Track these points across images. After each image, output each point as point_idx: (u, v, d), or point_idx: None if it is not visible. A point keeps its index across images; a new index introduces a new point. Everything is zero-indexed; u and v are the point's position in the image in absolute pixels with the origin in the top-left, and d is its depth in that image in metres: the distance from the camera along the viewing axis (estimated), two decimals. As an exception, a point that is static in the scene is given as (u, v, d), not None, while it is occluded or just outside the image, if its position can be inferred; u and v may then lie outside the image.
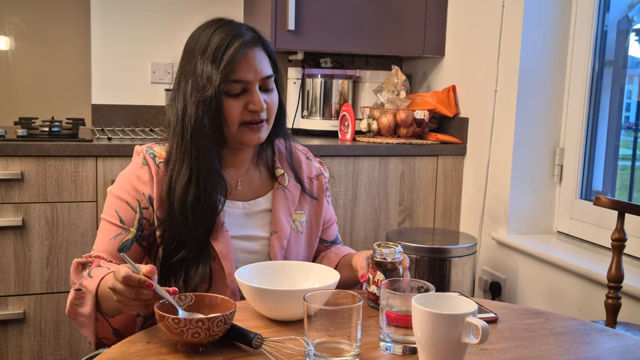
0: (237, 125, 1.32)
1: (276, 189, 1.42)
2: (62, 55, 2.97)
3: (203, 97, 1.28)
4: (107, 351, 1.03)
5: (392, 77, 2.82)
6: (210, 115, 1.28)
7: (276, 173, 1.44)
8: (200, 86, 1.29)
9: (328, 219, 1.53)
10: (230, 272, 1.33)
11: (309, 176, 1.49)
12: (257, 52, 1.33)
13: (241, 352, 1.03)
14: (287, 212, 1.42)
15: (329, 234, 1.53)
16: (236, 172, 1.41)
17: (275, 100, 1.37)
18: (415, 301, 0.96)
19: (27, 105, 2.90)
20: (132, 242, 1.32)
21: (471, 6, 2.70)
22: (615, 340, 1.15)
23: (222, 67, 1.28)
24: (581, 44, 2.38)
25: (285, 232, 1.40)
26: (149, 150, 1.37)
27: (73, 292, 1.24)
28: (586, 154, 2.39)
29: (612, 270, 1.81)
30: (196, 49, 1.32)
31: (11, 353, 2.28)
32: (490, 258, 2.61)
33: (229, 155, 1.39)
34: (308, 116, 2.94)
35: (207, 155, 1.30)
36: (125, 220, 1.33)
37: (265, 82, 1.34)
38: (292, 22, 2.63)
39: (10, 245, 2.23)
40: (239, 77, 1.30)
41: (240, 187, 1.41)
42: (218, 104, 1.29)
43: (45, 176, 2.24)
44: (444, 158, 2.73)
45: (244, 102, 1.32)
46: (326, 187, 1.52)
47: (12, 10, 2.88)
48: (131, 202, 1.33)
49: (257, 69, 1.32)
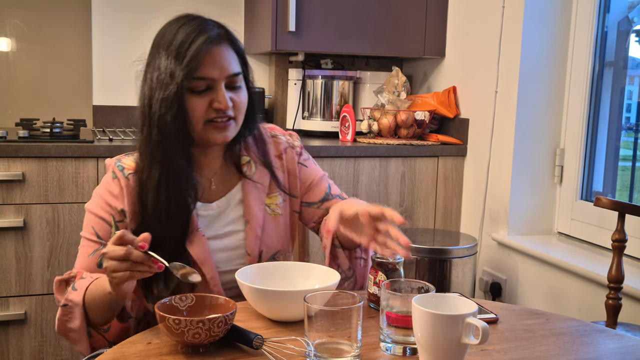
0: (202, 123, 1.28)
1: (244, 178, 1.39)
2: (63, 57, 2.97)
3: (165, 94, 1.24)
4: (108, 351, 1.03)
5: (392, 78, 2.82)
6: (173, 113, 1.25)
7: (242, 162, 1.40)
8: (163, 83, 1.25)
9: (310, 181, 1.48)
10: (212, 276, 1.31)
11: (276, 154, 1.44)
12: (223, 49, 1.29)
13: (242, 352, 1.03)
14: (258, 199, 1.38)
15: (314, 195, 1.47)
16: (209, 172, 1.38)
17: (244, 99, 1.33)
18: (415, 302, 0.97)
19: (28, 107, 2.90)
20: None
21: (471, 7, 2.70)
22: (616, 341, 1.15)
23: (185, 64, 1.24)
24: (581, 44, 2.38)
25: (259, 221, 1.37)
26: (118, 163, 1.34)
27: (60, 309, 1.23)
28: (586, 154, 2.39)
29: (612, 271, 1.81)
30: (161, 44, 1.28)
31: (12, 354, 2.28)
32: (490, 259, 2.61)
33: (199, 155, 1.36)
34: (309, 117, 2.94)
35: (174, 155, 1.27)
36: (102, 235, 1.31)
37: (232, 79, 1.30)
38: (293, 24, 2.64)
39: (11, 246, 2.24)
40: (202, 74, 1.26)
41: (215, 187, 1.38)
42: (180, 102, 1.25)
43: (47, 177, 2.24)
44: (444, 159, 2.73)
45: (208, 99, 1.28)
46: (299, 153, 1.47)
47: (13, 11, 2.89)
48: (106, 217, 1.32)
49: (223, 66, 1.28)
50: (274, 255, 1.40)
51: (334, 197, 1.48)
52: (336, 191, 1.50)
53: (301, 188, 1.47)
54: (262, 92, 2.92)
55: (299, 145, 1.49)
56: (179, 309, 1.09)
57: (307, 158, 1.50)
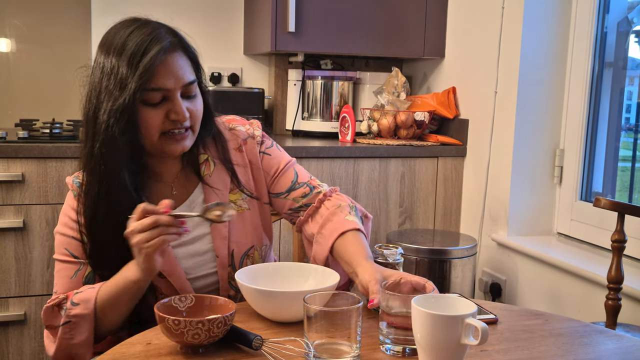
0: (157, 135, 1.22)
1: (202, 180, 1.34)
2: (62, 57, 2.97)
3: (115, 105, 1.17)
4: (108, 352, 1.03)
5: (392, 78, 2.82)
6: (122, 126, 1.17)
7: (199, 160, 1.34)
8: (112, 93, 1.18)
9: (275, 169, 1.41)
10: (182, 287, 1.28)
11: (235, 147, 1.38)
12: (177, 57, 1.23)
13: (241, 353, 1.03)
14: (220, 198, 1.33)
15: (280, 184, 1.41)
16: (168, 178, 1.33)
17: (200, 107, 1.27)
18: (415, 302, 0.97)
19: (27, 107, 2.90)
20: (94, 275, 1.26)
21: (471, 8, 2.70)
22: (615, 342, 1.15)
23: (139, 75, 1.16)
24: (581, 45, 2.38)
25: None
26: (75, 180, 1.30)
27: (61, 329, 1.19)
28: (586, 155, 2.39)
29: (612, 272, 1.81)
30: (110, 50, 1.21)
31: (12, 354, 2.28)
32: (490, 259, 2.61)
33: (156, 163, 1.31)
34: (308, 118, 2.94)
35: (117, 171, 1.20)
36: (78, 254, 1.27)
37: (187, 88, 1.24)
38: (293, 24, 2.64)
39: (11, 246, 2.24)
40: (158, 85, 1.19)
41: (176, 192, 1.33)
42: (132, 115, 1.18)
43: (46, 178, 2.24)
44: (444, 159, 2.73)
45: (164, 111, 1.21)
46: (260, 142, 1.41)
47: (13, 12, 2.89)
48: (75, 235, 1.27)
49: (178, 75, 1.22)
50: (247, 252, 1.36)
51: (300, 186, 1.41)
52: (304, 178, 1.42)
53: (266, 178, 1.41)
54: (261, 93, 2.92)
55: (260, 134, 1.42)
56: (179, 309, 1.09)
57: (270, 146, 1.43)
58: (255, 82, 3.13)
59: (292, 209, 1.41)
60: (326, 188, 1.42)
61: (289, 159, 1.44)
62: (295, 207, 1.41)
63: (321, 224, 1.34)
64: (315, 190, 1.41)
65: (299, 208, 1.41)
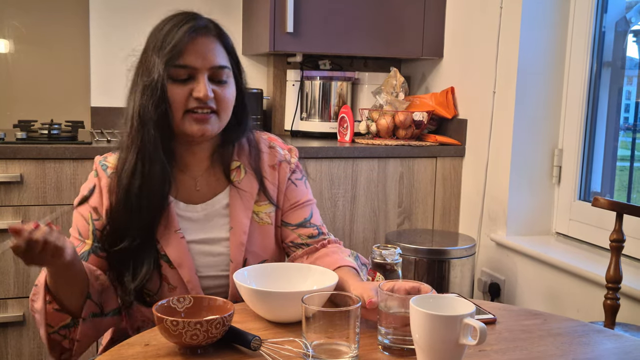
0: (181, 112, 1.26)
1: (232, 184, 1.36)
2: (61, 58, 2.97)
3: (148, 81, 1.25)
4: (106, 353, 1.03)
5: (390, 78, 2.82)
6: (155, 100, 1.24)
7: (231, 167, 1.37)
8: (147, 69, 1.26)
9: (295, 201, 1.42)
10: (190, 279, 1.29)
11: (270, 164, 1.40)
12: (209, 40, 1.28)
13: (240, 354, 1.03)
14: (244, 205, 1.35)
15: (294, 217, 1.41)
16: (194, 172, 1.36)
17: (229, 95, 1.30)
18: (413, 302, 0.97)
19: (26, 108, 2.90)
20: (88, 254, 1.29)
21: (469, 8, 2.70)
22: (614, 341, 1.15)
23: (167, 51, 1.24)
24: (579, 45, 2.38)
25: (244, 227, 1.34)
26: (102, 161, 1.35)
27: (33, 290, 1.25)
28: (585, 155, 2.39)
29: (610, 271, 1.81)
30: (149, 41, 1.30)
31: (11, 356, 2.28)
32: (489, 259, 2.61)
33: (185, 152, 1.34)
34: (307, 118, 2.94)
35: (153, 144, 1.26)
36: (83, 232, 1.32)
37: (216, 72, 1.28)
38: (291, 24, 2.63)
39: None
40: (184, 62, 1.25)
41: (199, 189, 1.36)
42: (162, 89, 1.24)
43: (45, 179, 2.24)
44: (442, 159, 2.73)
45: (189, 89, 1.26)
46: (292, 170, 1.43)
47: (11, 13, 2.89)
48: (85, 214, 1.32)
49: (207, 56, 1.26)
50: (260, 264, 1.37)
51: (311, 226, 1.42)
52: (317, 221, 1.44)
53: (284, 205, 1.42)
54: (260, 94, 2.92)
55: (295, 163, 1.45)
56: (177, 310, 1.09)
57: (299, 178, 1.44)
58: (254, 82, 3.13)
59: (293, 243, 1.42)
60: (332, 237, 1.44)
61: (311, 197, 1.46)
62: (297, 243, 1.41)
63: (316, 257, 1.36)
64: (322, 235, 1.43)
65: (300, 244, 1.41)
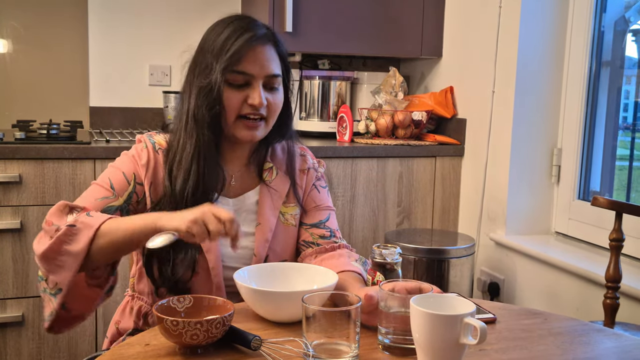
0: (234, 117, 1.31)
1: (262, 183, 1.41)
2: (60, 58, 2.97)
3: (205, 83, 1.29)
4: (106, 353, 1.03)
5: (389, 78, 2.82)
6: (210, 101, 1.29)
7: (264, 167, 1.43)
8: (205, 70, 1.30)
9: (315, 205, 1.47)
10: (214, 266, 1.32)
11: (301, 169, 1.47)
12: (267, 49, 1.33)
13: (240, 353, 1.03)
14: (273, 205, 1.40)
15: (310, 217, 1.46)
16: (232, 168, 1.40)
17: (279, 101, 1.36)
18: (413, 302, 0.97)
19: (25, 108, 2.90)
20: (115, 210, 1.29)
21: (468, 7, 2.70)
22: (614, 341, 1.15)
23: (228, 57, 1.28)
24: (578, 44, 2.38)
25: (270, 225, 1.39)
26: (150, 138, 1.37)
27: (63, 230, 1.16)
28: (584, 154, 2.40)
29: (610, 271, 1.81)
30: (207, 42, 1.33)
31: (10, 356, 2.28)
32: (488, 259, 2.61)
33: (227, 150, 1.39)
34: (306, 118, 2.94)
35: (207, 142, 1.30)
36: (117, 188, 1.31)
37: (270, 80, 1.33)
38: (290, 24, 2.64)
39: (8, 247, 2.23)
40: (243, 69, 1.30)
41: (234, 183, 1.40)
42: (218, 92, 1.29)
43: (44, 179, 2.24)
44: (442, 159, 2.73)
45: (244, 95, 1.31)
46: (318, 177, 1.50)
47: (10, 13, 2.89)
48: (127, 173, 1.32)
49: (264, 64, 1.32)
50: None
51: (325, 228, 1.46)
52: (332, 225, 1.48)
53: (305, 206, 1.48)
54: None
55: (321, 172, 1.52)
56: (177, 310, 1.09)
57: (323, 186, 1.51)
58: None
59: (305, 241, 1.46)
60: (345, 243, 1.47)
61: (331, 204, 1.51)
62: (308, 241, 1.45)
63: (323, 259, 1.38)
64: (334, 238, 1.46)
65: (311, 243, 1.45)
